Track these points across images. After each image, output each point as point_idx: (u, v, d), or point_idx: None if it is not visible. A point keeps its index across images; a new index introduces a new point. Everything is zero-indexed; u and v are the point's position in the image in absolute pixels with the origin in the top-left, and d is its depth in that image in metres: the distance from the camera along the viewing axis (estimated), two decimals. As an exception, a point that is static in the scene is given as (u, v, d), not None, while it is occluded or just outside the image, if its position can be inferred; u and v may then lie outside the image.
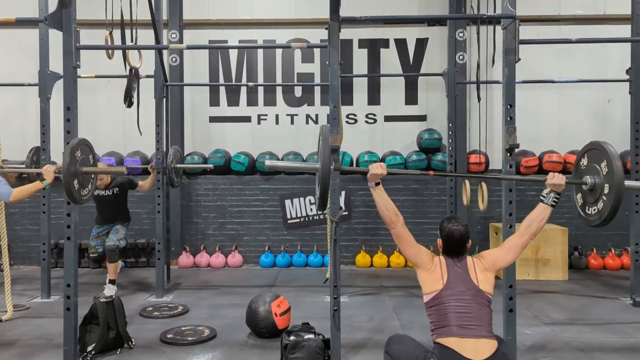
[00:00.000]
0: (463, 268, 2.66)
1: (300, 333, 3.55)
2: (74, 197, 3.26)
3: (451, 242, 2.70)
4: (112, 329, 3.72)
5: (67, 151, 3.21)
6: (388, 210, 2.73)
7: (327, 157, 2.68)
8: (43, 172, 3.66)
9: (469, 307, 2.51)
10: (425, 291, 2.66)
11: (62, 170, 3.21)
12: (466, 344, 2.43)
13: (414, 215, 7.11)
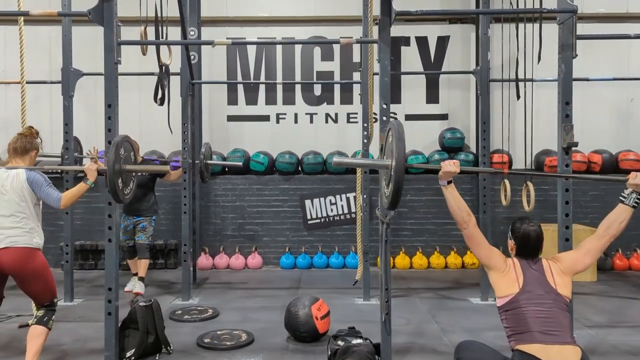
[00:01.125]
0: (539, 270, 2.55)
1: (346, 337, 3.45)
2: (119, 196, 3.13)
3: (527, 243, 2.59)
4: (151, 334, 3.60)
5: (112, 149, 3.09)
6: (460, 210, 2.63)
7: (403, 154, 2.55)
8: (86, 171, 3.32)
9: (550, 311, 2.41)
10: (499, 294, 2.55)
11: (108, 168, 3.06)
12: (551, 350, 2.32)
13: (436, 216, 7.02)
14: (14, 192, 3.13)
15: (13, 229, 3.09)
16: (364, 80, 5.22)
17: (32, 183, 3.17)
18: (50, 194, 3.20)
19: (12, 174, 3.17)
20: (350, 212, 7.01)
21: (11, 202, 3.13)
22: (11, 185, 3.14)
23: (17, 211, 3.11)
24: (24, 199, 3.15)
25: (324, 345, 3.87)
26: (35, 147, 3.35)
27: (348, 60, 7.40)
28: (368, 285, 5.14)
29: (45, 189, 3.20)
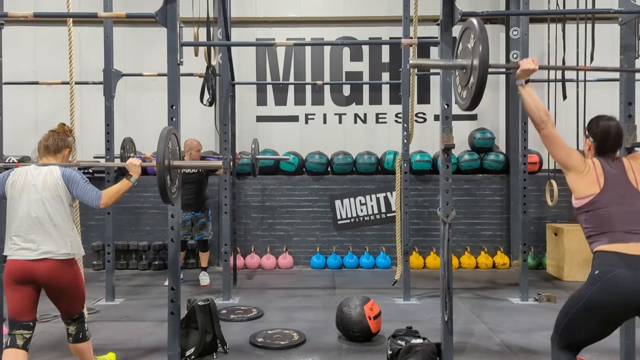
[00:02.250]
0: (619, 169, 2.47)
1: (405, 337, 3.46)
2: (167, 195, 2.87)
3: (607, 139, 2.51)
4: (209, 333, 3.62)
5: (160, 142, 2.82)
6: (538, 109, 2.54)
7: (486, 52, 2.54)
8: (128, 167, 3.00)
9: (633, 210, 2.35)
10: (578, 195, 2.48)
11: (157, 163, 2.77)
12: (635, 248, 2.28)
13: (466, 216, 7.03)
14: (46, 190, 2.81)
15: (46, 236, 2.78)
16: (404, 80, 5.23)
17: (67, 180, 2.86)
18: (89, 192, 2.88)
19: (45, 171, 2.86)
20: (380, 212, 7.02)
21: (43, 202, 2.80)
22: (43, 183, 2.81)
23: (49, 213, 2.80)
24: (59, 199, 2.83)
25: (377, 345, 3.90)
26: (69, 145, 3.06)
27: (377, 60, 7.42)
28: (408, 286, 5.15)
29: (83, 186, 2.88)
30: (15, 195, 2.81)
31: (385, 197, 7.01)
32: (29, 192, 2.80)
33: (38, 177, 2.83)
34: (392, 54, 7.40)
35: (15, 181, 2.84)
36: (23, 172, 2.86)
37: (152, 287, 5.88)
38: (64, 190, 2.85)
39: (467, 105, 2.74)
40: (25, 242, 2.78)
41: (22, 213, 2.79)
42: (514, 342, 3.96)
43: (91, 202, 2.88)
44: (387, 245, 7.00)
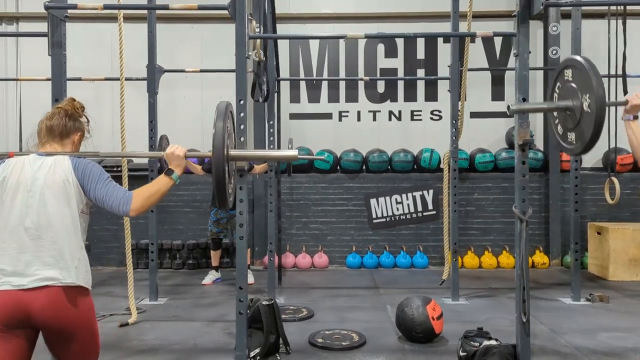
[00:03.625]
0: None
1: (476, 338, 3.36)
2: (225, 193, 2.34)
3: None
4: (272, 333, 3.53)
5: (218, 120, 2.28)
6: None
7: (601, 87, 2.44)
8: (169, 159, 2.16)
9: None
10: None
11: (215, 149, 2.23)
12: None
13: (503, 215, 6.93)
14: (50, 189, 1.93)
15: (46, 256, 1.89)
16: (453, 76, 5.13)
17: (82, 174, 1.99)
18: (114, 192, 2.00)
19: (49, 162, 1.98)
20: (416, 211, 6.92)
21: (45, 206, 1.92)
22: (46, 179, 1.94)
23: (52, 222, 1.91)
24: (66, 202, 1.95)
25: (440, 346, 3.81)
26: (80, 128, 2.17)
27: (412, 56, 7.32)
28: (457, 286, 5.05)
29: (105, 184, 2.01)
30: (5, 197, 1.93)
31: (422, 195, 6.91)
32: (25, 193, 1.92)
33: (39, 170, 1.95)
34: (427, 50, 7.31)
35: (6, 177, 1.94)
36: (18, 164, 1.98)
37: (191, 286, 5.80)
38: (75, 189, 1.97)
39: (581, 149, 2.57)
40: (16, 265, 1.87)
41: (14, 223, 1.90)
42: (580, 343, 3.85)
43: (117, 206, 1.99)
44: (424, 244, 6.91)
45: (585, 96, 2.45)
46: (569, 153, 2.78)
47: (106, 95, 7.26)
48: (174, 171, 2.14)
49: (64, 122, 2.11)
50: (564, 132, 2.73)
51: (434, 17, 7.21)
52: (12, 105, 7.29)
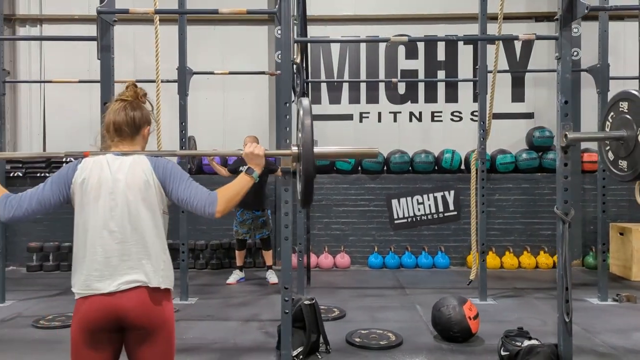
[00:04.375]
0: None
1: (517, 338, 3.41)
2: (312, 191, 2.33)
3: None
4: (314, 333, 3.58)
5: (306, 114, 2.18)
6: None
7: None
8: (248, 159, 2.11)
9: None
10: None
11: (305, 146, 2.12)
12: None
13: (524, 215, 6.97)
14: (132, 192, 1.89)
15: (132, 259, 1.87)
16: (481, 78, 5.18)
17: (163, 175, 1.94)
18: (198, 194, 1.95)
19: (128, 162, 1.93)
20: (438, 211, 6.96)
21: (128, 209, 1.88)
22: (126, 180, 1.89)
23: (137, 226, 1.89)
24: (149, 204, 1.92)
25: (477, 346, 3.85)
26: (148, 119, 2.07)
27: (432, 58, 7.36)
28: (485, 286, 5.09)
29: (188, 185, 1.96)
30: (87, 200, 1.88)
31: (443, 196, 6.95)
32: (107, 195, 1.88)
33: (119, 172, 1.90)
34: (447, 52, 7.35)
35: (86, 179, 1.89)
36: (97, 165, 1.91)
37: (218, 286, 5.86)
38: (157, 190, 1.93)
39: (632, 177, 2.81)
40: (103, 270, 1.85)
41: (98, 226, 1.86)
42: (616, 343, 3.89)
43: (202, 208, 1.94)
44: (445, 245, 6.94)
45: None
46: (619, 179, 2.94)
47: (129, 96, 7.30)
48: (254, 170, 2.10)
49: (131, 117, 1.99)
50: (615, 159, 2.92)
51: (455, 19, 7.26)
52: (35, 107, 7.35)
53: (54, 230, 6.93)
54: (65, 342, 3.90)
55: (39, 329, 4.25)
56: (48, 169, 6.87)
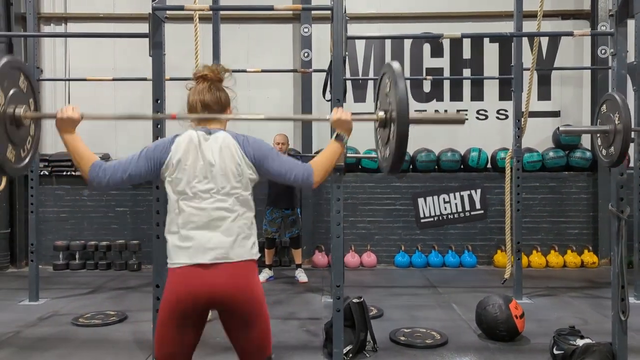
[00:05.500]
0: None
1: (568, 337, 3.38)
2: (403, 159, 2.13)
3: None
4: (362, 331, 3.56)
5: (399, 77, 2.01)
6: None
7: None
8: (337, 125, 2.08)
9: None
10: None
11: (399, 113, 1.95)
12: None
13: (551, 214, 6.93)
14: (225, 173, 1.91)
15: (226, 236, 1.90)
16: (516, 76, 5.14)
17: (253, 153, 1.95)
18: (293, 166, 1.96)
19: (218, 144, 1.93)
20: (464, 210, 6.93)
21: (223, 190, 1.91)
22: (220, 161, 1.91)
23: (230, 206, 1.91)
24: (242, 184, 1.94)
25: (524, 344, 3.83)
26: (229, 102, 2.09)
27: (458, 56, 7.33)
28: (521, 285, 5.06)
29: (280, 159, 1.98)
30: (183, 178, 1.91)
31: (470, 195, 6.92)
32: (203, 175, 1.91)
33: (212, 153, 1.91)
34: (473, 50, 7.31)
35: (181, 160, 1.91)
36: (191, 145, 1.92)
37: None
38: (248, 169, 1.94)
39: (614, 163, 3.14)
40: (200, 241, 1.89)
41: (195, 205, 1.90)
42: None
43: (301, 179, 1.95)
44: (472, 243, 6.91)
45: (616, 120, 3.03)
46: (607, 165, 3.30)
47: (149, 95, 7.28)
48: (344, 135, 2.08)
49: (218, 96, 2.02)
50: (602, 149, 3.31)
51: (480, 16, 7.23)
52: (60, 104, 7.33)
53: (80, 230, 6.95)
54: (110, 339, 3.93)
55: (80, 327, 4.24)
56: (74, 167, 6.86)
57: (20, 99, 2.18)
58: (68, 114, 1.99)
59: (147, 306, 4.83)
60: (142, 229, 6.94)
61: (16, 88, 2.16)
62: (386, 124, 2.17)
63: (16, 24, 6.92)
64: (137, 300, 5.15)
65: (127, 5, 7.31)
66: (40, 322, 4.40)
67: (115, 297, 5.33)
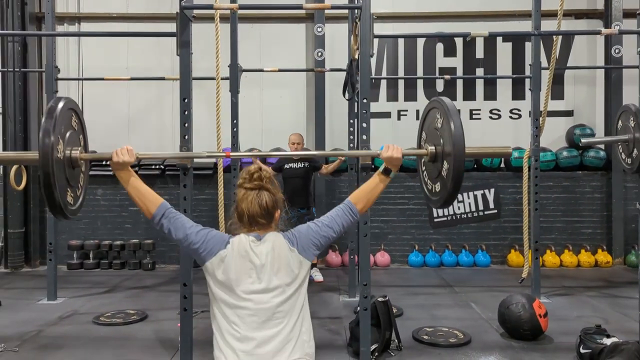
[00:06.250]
0: None
1: (594, 336, 3.38)
2: None
3: None
4: (387, 330, 3.56)
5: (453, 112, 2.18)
6: None
7: None
8: (388, 161, 2.21)
9: None
10: None
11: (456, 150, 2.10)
12: None
13: (565, 214, 6.93)
14: (278, 276, 1.89)
15: (278, 341, 1.85)
16: (535, 75, 5.14)
17: (301, 245, 1.97)
18: (337, 215, 2.07)
19: (268, 247, 1.92)
20: (478, 210, 6.92)
21: (276, 295, 1.88)
22: (272, 265, 1.90)
23: (283, 309, 1.88)
24: (295, 285, 1.92)
25: (548, 343, 3.84)
26: (279, 203, 2.04)
27: (471, 56, 7.32)
28: (539, 284, 5.05)
29: (325, 221, 2.05)
30: (231, 282, 1.87)
31: (483, 194, 6.92)
32: (255, 280, 1.88)
33: (263, 256, 1.90)
34: (486, 50, 7.31)
35: (232, 258, 1.89)
36: (241, 246, 1.90)
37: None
38: (302, 265, 1.95)
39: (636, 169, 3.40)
40: (248, 349, 1.84)
41: (245, 309, 1.86)
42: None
43: (348, 221, 2.07)
44: (486, 243, 6.91)
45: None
46: (631, 172, 3.58)
47: (167, 95, 7.31)
48: (391, 170, 2.20)
49: (265, 207, 1.95)
50: (625, 157, 3.57)
51: (493, 16, 7.23)
52: (73, 104, 7.34)
53: (94, 229, 6.96)
54: (133, 338, 3.94)
55: (101, 326, 4.26)
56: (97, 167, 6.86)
57: (74, 140, 2.20)
58: (124, 158, 2.02)
59: (166, 305, 4.88)
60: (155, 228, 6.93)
61: (71, 130, 2.19)
62: (436, 159, 2.19)
63: (30, 23, 6.93)
64: (155, 299, 5.16)
65: (141, 5, 7.33)
66: (61, 321, 4.41)
67: (133, 296, 5.34)
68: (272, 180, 2.01)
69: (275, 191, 2.00)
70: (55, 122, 2.02)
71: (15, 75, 6.48)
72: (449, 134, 2.07)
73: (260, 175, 1.98)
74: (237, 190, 1.99)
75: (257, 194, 1.95)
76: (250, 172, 1.98)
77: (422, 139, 2.35)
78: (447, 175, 2.11)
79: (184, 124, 3.24)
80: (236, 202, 1.98)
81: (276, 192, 2.01)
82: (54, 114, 2.04)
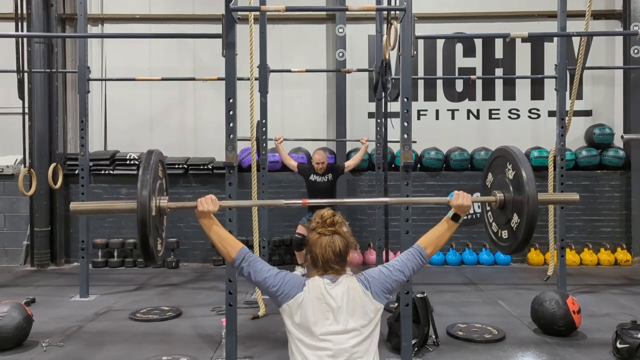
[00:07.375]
0: None
1: (631, 331, 3.44)
2: None
3: None
4: (426, 326, 3.63)
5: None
6: None
7: None
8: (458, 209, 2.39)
9: None
10: None
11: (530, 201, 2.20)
12: None
13: (584, 213, 6.98)
14: (354, 318, 1.94)
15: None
16: (560, 75, 5.21)
17: (376, 288, 2.00)
18: (406, 259, 2.12)
19: (342, 289, 1.96)
20: (498, 208, 6.96)
21: (351, 336, 1.93)
22: (347, 307, 1.94)
23: (359, 350, 1.94)
24: (370, 326, 1.97)
25: (582, 339, 3.92)
26: (352, 246, 2.07)
27: (490, 56, 7.39)
28: (565, 282, 5.11)
29: (397, 265, 2.09)
30: (310, 324, 1.92)
31: (503, 193, 6.96)
32: (333, 322, 1.93)
33: (338, 298, 1.94)
34: (505, 50, 7.37)
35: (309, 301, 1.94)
36: (316, 289, 1.96)
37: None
38: (376, 307, 1.99)
39: None
40: None
41: (322, 350, 1.90)
42: None
43: (418, 265, 2.13)
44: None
45: None
46: None
47: (188, 95, 7.40)
48: (460, 217, 2.32)
49: (338, 252, 2.00)
50: None
51: (512, 16, 7.30)
52: (97, 105, 7.42)
53: (118, 227, 7.03)
54: (172, 333, 4.02)
55: (138, 322, 4.33)
56: (112, 166, 6.95)
57: (161, 189, 2.28)
58: (208, 207, 2.08)
59: (198, 302, 4.96)
60: (179, 226, 7.02)
61: (159, 179, 2.26)
62: (505, 207, 2.24)
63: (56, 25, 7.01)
64: (185, 296, 5.24)
65: (163, 6, 7.41)
66: (98, 317, 4.49)
67: (162, 293, 5.41)
68: (344, 224, 2.08)
69: (347, 235, 2.05)
70: (151, 174, 2.10)
71: (44, 76, 6.57)
72: (522, 183, 2.21)
73: (333, 220, 2.03)
74: (310, 233, 2.06)
75: (330, 240, 2.00)
76: (324, 218, 2.04)
77: (486, 185, 2.43)
78: (518, 227, 2.24)
79: (229, 123, 3.31)
80: (309, 244, 2.04)
81: (348, 236, 2.05)
82: (149, 167, 2.11)
